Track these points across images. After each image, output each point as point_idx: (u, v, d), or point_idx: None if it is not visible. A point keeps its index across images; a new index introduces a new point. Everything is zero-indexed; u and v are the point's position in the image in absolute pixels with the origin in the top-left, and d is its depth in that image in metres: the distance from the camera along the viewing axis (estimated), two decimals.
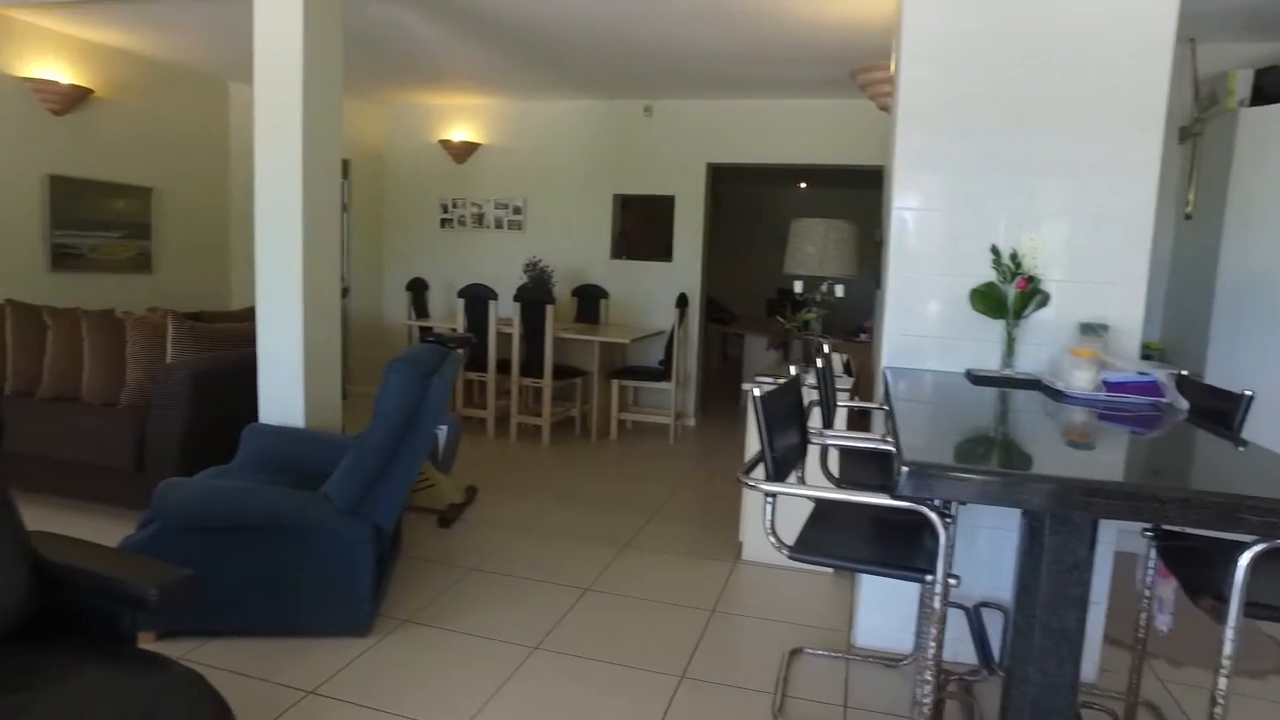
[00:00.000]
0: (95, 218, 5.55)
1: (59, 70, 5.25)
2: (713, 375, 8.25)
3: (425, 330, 6.71)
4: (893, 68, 3.89)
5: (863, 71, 3.92)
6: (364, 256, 7.43)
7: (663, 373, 6.27)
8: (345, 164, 7.32)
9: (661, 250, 6.98)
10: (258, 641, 2.78)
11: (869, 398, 3.73)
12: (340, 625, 2.83)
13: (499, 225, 7.16)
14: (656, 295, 6.83)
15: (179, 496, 2.68)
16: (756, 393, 1.75)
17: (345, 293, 6.03)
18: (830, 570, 3.59)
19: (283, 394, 3.62)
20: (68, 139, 5.36)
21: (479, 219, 7.22)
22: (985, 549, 2.78)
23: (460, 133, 7.16)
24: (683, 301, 6.21)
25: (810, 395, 2.56)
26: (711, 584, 3.52)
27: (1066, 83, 2.66)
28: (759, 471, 1.82)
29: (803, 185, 12.04)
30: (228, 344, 4.14)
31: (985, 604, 2.77)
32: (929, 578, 1.66)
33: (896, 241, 2.87)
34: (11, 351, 4.39)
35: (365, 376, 7.50)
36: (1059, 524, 1.62)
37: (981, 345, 2.81)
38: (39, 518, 2.10)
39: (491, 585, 3.40)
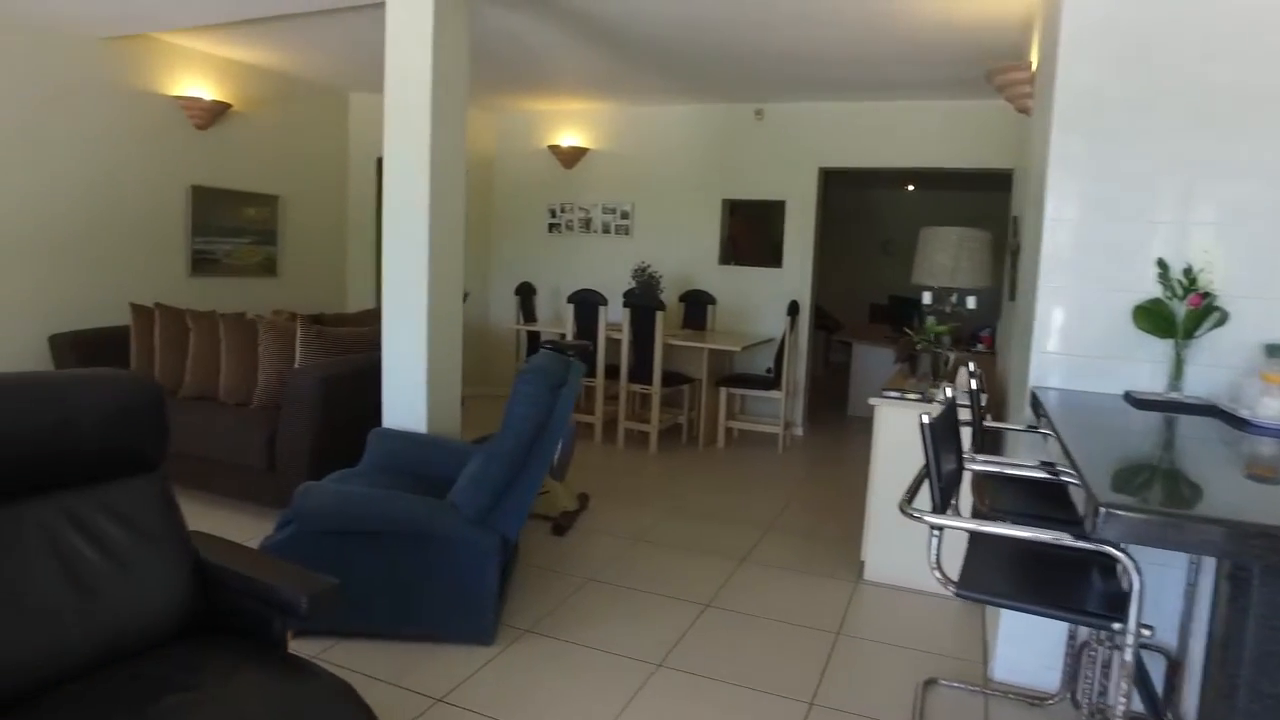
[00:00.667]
0: (229, 225, 5.83)
1: (204, 88, 5.54)
2: (817, 382, 8.05)
3: (533, 335, 6.80)
4: (1034, 66, 3.69)
5: (1001, 72, 3.71)
6: (473, 260, 7.56)
7: (772, 381, 6.15)
8: None
9: (770, 256, 6.86)
10: (385, 645, 2.83)
11: (997, 416, 3.54)
12: (465, 633, 2.84)
13: (606, 230, 7.18)
14: (764, 302, 6.71)
15: (315, 501, 2.75)
16: (925, 419, 1.64)
17: (465, 298, 6.14)
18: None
19: (406, 399, 3.69)
20: (208, 151, 5.65)
21: (586, 224, 7.26)
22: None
23: (569, 138, 7.22)
24: (794, 309, 6.07)
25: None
26: (833, 604, 3.40)
27: (1256, 77, 2.43)
28: (921, 500, 1.71)
29: (910, 188, 11.67)
30: (352, 348, 4.26)
31: (1144, 646, 2.56)
32: (1117, 626, 1.52)
33: (1049, 253, 2.68)
34: (159, 353, 4.64)
35: (473, 378, 7.63)
36: (1272, 576, 1.45)
37: (1142, 365, 2.61)
38: (183, 509, 2.19)
39: (610, 597, 3.37)
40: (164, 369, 4.61)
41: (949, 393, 1.97)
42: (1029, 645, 2.76)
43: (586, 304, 5.95)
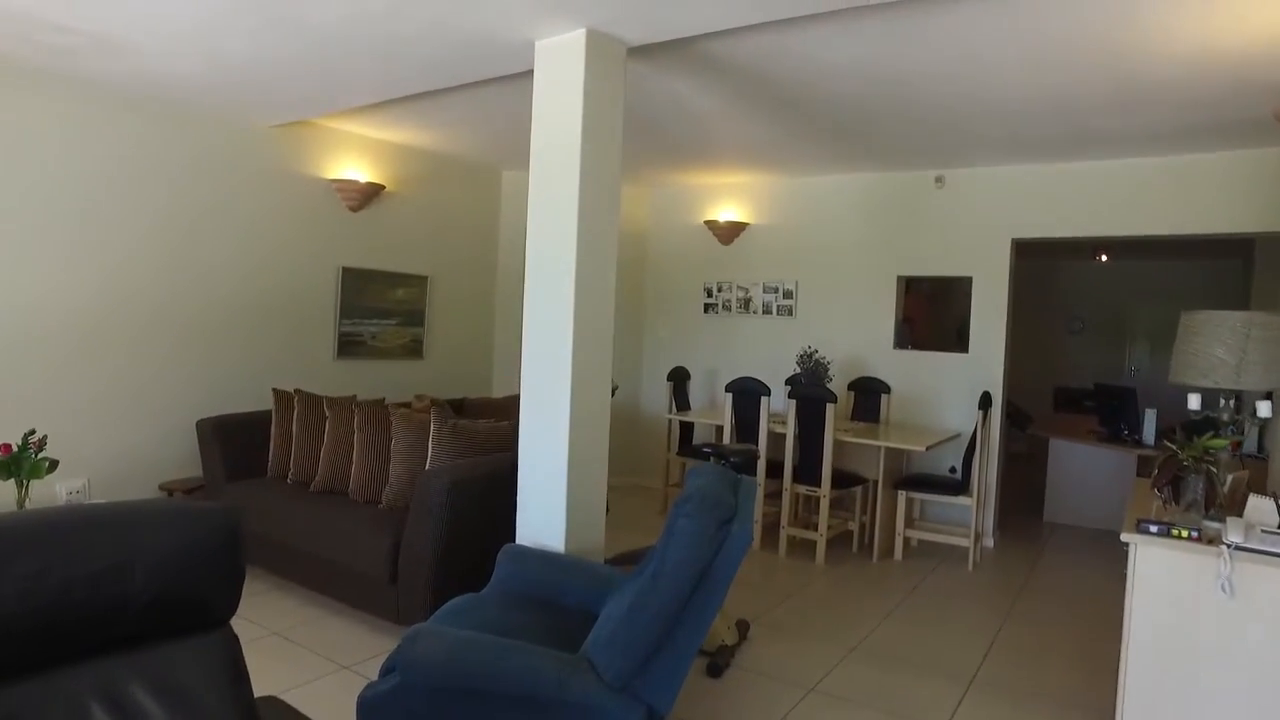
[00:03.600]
0: (377, 306, 5.70)
1: (359, 170, 5.50)
2: (1005, 481, 6.99)
3: (686, 426, 6.24)
4: None
5: None
6: (624, 342, 7.17)
7: (959, 484, 5.27)
8: None
9: (953, 339, 6.04)
10: None
11: None
12: None
13: (767, 310, 6.59)
14: (947, 391, 5.87)
15: (425, 650, 2.25)
16: None
17: (614, 392, 5.69)
18: None
19: (543, 513, 3.19)
20: (359, 233, 5.57)
21: (745, 303, 6.70)
22: None
23: (727, 212, 6.75)
24: (986, 402, 5.21)
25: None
26: None
27: None
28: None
29: (1101, 258, 10.40)
30: (490, 444, 3.84)
31: None
32: None
33: None
34: (296, 440, 4.43)
35: (621, 467, 7.15)
36: None
37: None
38: (298, 613, 1.70)
39: None
40: (299, 458, 4.37)
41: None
42: None
43: (746, 393, 5.34)
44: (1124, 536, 2.62)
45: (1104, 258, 10.34)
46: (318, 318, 5.37)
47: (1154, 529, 2.59)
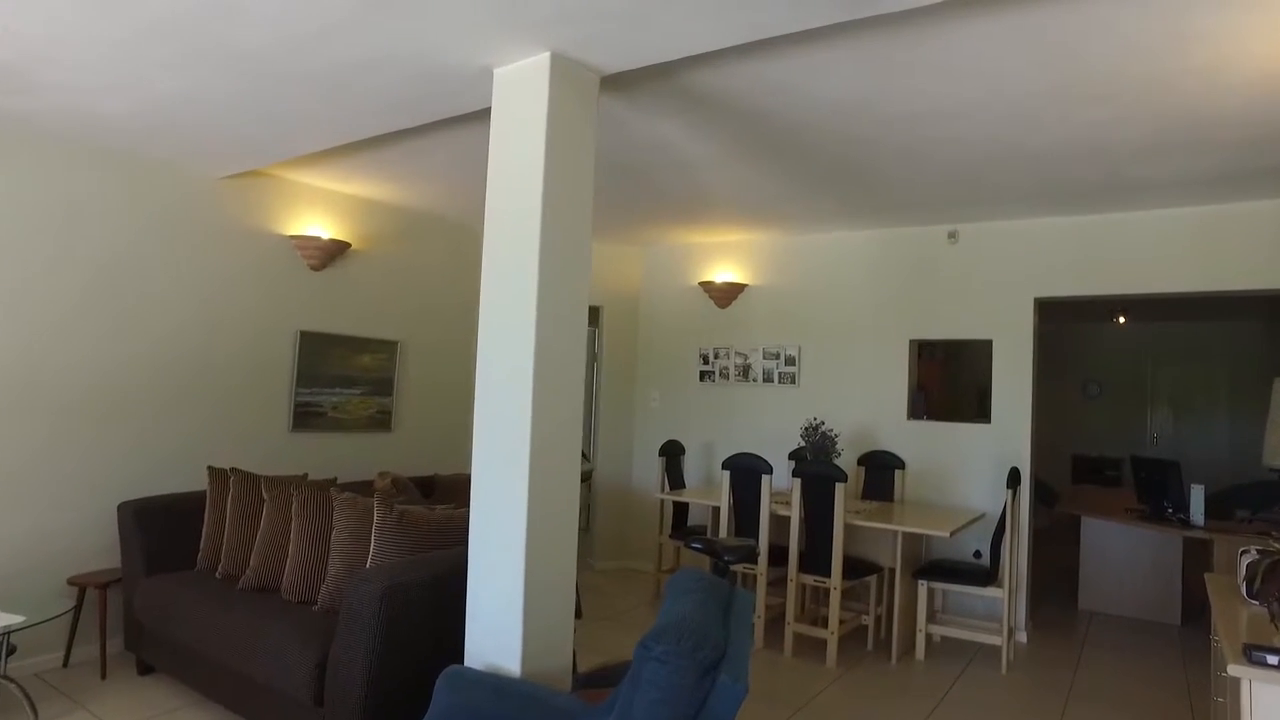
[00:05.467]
0: (340, 373, 5.18)
1: (322, 226, 5.06)
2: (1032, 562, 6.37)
3: (680, 507, 5.66)
4: None
5: None
6: (613, 413, 6.63)
7: (987, 573, 4.66)
8: (595, 311, 6.70)
9: (972, 407, 5.50)
10: None
11: None
12: None
13: (768, 378, 6.06)
14: (968, 465, 5.30)
15: None
16: None
17: (587, 477, 5.13)
18: None
19: (495, 626, 2.61)
20: (322, 294, 5.10)
21: (744, 371, 6.18)
22: None
23: (724, 273, 6.30)
24: (1015, 479, 4.64)
25: None
26: None
27: None
28: None
29: (1119, 320, 9.91)
30: (449, 538, 3.28)
31: None
32: None
33: None
34: (230, 527, 3.87)
35: (610, 551, 6.55)
36: None
37: None
38: None
39: None
40: (231, 548, 3.81)
41: None
42: None
43: (746, 471, 4.78)
44: (1232, 670, 2.04)
45: (1122, 320, 9.87)
46: (271, 386, 4.85)
47: (1274, 660, 2.00)
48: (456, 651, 2.84)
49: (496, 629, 2.60)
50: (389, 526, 3.19)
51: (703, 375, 6.38)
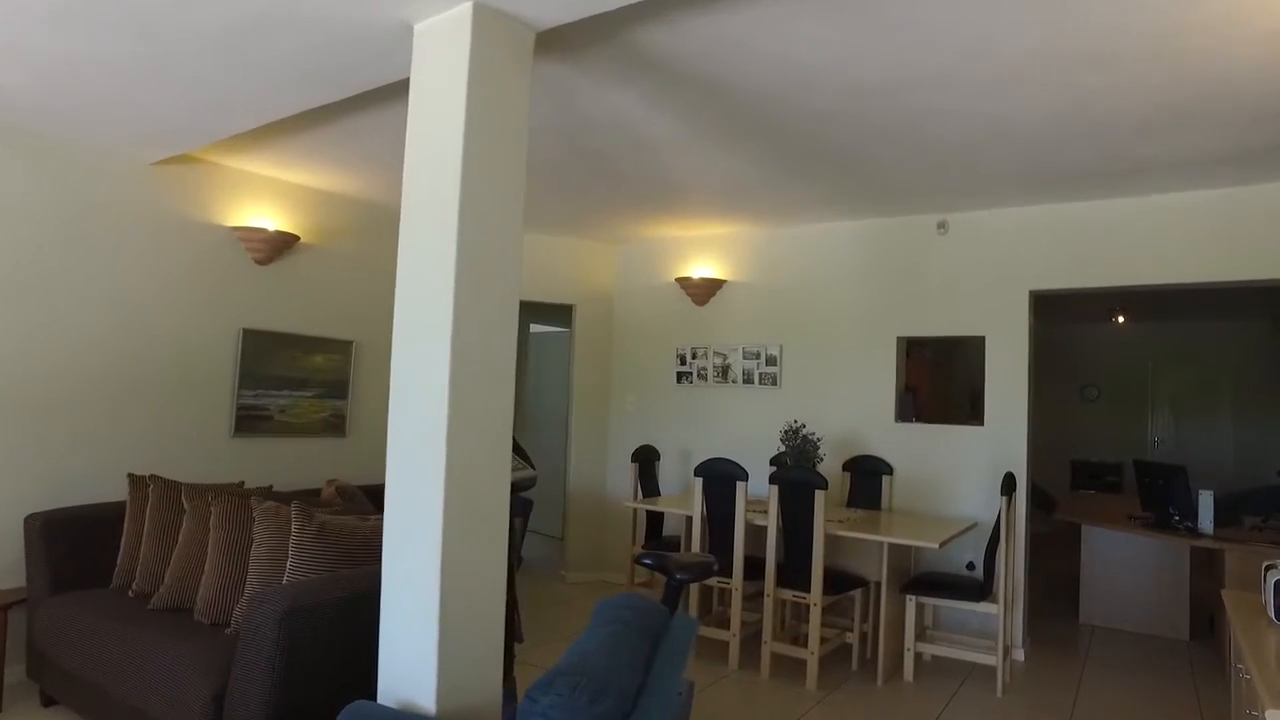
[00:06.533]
0: (288, 375, 4.84)
1: (267, 217, 4.73)
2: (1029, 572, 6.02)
3: (654, 517, 5.32)
4: None
5: None
6: (587, 417, 6.30)
7: (981, 586, 4.32)
8: (568, 311, 6.39)
9: (965, 409, 5.16)
10: None
11: None
12: None
13: (748, 379, 5.72)
14: (960, 471, 4.96)
15: None
16: None
17: (528, 485, 4.79)
18: None
19: (407, 656, 2.27)
20: (267, 289, 4.76)
21: (723, 371, 5.84)
22: None
23: (701, 268, 5.97)
24: (1010, 486, 4.31)
25: None
26: None
27: None
28: None
29: (1119, 319, 9.58)
30: (376, 552, 2.94)
31: None
32: None
33: None
34: (147, 541, 3.52)
35: (585, 562, 6.20)
36: None
37: None
38: None
39: None
40: (148, 563, 3.46)
41: None
42: None
43: (719, 478, 4.44)
44: (1272, 717, 1.69)
45: (1121, 319, 9.53)
46: (210, 388, 4.51)
47: None
48: (367, 685, 2.50)
49: (409, 658, 2.26)
50: (307, 539, 2.85)
51: (680, 376, 6.04)
